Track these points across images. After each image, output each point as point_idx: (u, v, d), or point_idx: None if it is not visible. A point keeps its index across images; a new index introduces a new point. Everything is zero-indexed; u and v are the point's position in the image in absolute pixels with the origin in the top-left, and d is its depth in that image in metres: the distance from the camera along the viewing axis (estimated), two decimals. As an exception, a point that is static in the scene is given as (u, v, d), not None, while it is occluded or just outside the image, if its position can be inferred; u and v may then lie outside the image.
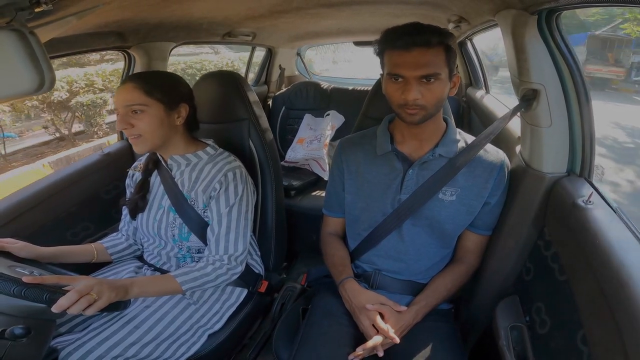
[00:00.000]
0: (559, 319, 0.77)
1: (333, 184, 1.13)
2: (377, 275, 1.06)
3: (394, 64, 0.87)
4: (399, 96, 0.88)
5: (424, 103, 0.86)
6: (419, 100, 0.86)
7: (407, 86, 0.86)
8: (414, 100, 0.85)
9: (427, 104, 0.87)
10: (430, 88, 0.86)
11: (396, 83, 0.88)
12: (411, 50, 0.84)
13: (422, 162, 0.98)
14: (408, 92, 0.85)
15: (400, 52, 0.85)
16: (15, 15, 0.57)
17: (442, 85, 0.87)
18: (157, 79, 1.03)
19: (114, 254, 1.20)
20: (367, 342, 0.88)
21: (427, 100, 0.86)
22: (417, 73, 0.84)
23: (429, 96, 0.86)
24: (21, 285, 0.70)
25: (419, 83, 0.85)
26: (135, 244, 1.25)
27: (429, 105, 0.87)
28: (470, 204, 0.98)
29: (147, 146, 1.03)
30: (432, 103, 0.87)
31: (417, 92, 0.85)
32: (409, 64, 0.84)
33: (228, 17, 1.49)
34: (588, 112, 0.87)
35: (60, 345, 0.90)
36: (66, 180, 1.35)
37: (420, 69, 0.84)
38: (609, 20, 7.85)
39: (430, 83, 0.85)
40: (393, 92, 0.89)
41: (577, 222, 0.75)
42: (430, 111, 0.89)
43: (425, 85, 0.85)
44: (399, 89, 0.87)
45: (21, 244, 0.97)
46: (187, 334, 1.04)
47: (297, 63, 3.34)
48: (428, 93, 0.86)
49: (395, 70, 0.87)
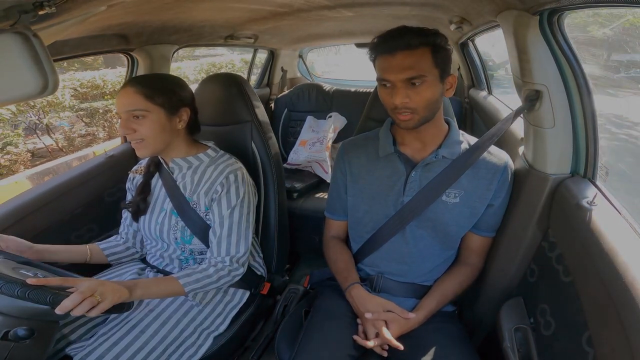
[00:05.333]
0: (564, 320, 0.76)
1: (335, 187, 1.12)
2: (380, 278, 1.06)
3: (380, 69, 0.88)
4: (390, 101, 0.88)
5: (414, 106, 0.86)
6: (407, 104, 0.86)
7: (394, 90, 0.86)
8: (401, 103, 0.86)
9: (417, 107, 0.87)
10: (418, 91, 0.86)
11: (386, 88, 0.89)
12: (394, 54, 0.84)
13: (426, 164, 0.97)
14: (395, 95, 0.86)
15: (386, 56, 0.86)
16: (19, 17, 0.58)
17: (431, 87, 0.86)
18: (157, 83, 1.02)
19: (110, 256, 1.20)
20: (366, 342, 0.89)
21: (416, 103, 0.86)
22: (401, 76, 0.84)
23: (417, 99, 0.86)
24: (25, 286, 0.71)
25: (405, 86, 0.85)
26: (133, 247, 1.25)
27: (419, 108, 0.87)
28: (474, 206, 0.97)
29: (149, 150, 1.03)
30: (421, 106, 0.87)
31: (404, 96, 0.85)
32: (393, 67, 0.85)
33: (230, 19, 1.50)
34: (591, 112, 0.86)
35: (73, 352, 0.91)
36: (70, 183, 1.35)
37: (404, 72, 0.84)
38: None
39: (417, 86, 0.85)
40: (384, 97, 0.90)
41: (582, 223, 0.75)
42: (423, 114, 0.89)
43: (412, 89, 0.86)
44: (389, 93, 0.88)
45: (12, 237, 0.97)
46: (192, 337, 1.04)
47: (299, 65, 3.35)
48: (415, 96, 0.86)
49: (382, 75, 0.88)
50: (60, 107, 4.94)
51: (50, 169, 4.38)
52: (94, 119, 5.63)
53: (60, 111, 5.11)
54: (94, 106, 5.52)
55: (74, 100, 5.09)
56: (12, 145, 4.47)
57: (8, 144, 4.44)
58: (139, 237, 1.24)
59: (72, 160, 4.64)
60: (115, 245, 1.22)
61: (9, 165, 4.40)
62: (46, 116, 4.99)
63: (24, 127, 5.02)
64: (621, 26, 1.53)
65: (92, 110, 5.51)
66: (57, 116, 5.19)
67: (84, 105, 5.43)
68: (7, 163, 4.39)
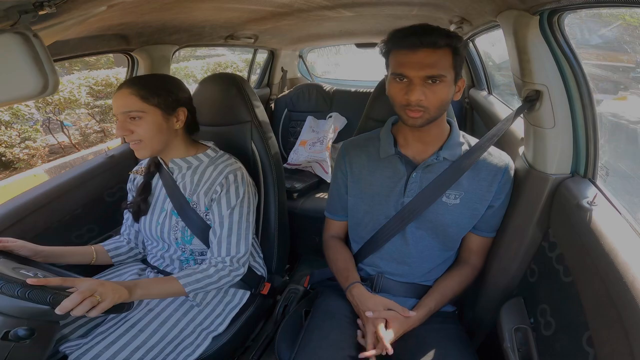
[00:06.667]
0: (564, 320, 0.76)
1: (336, 187, 1.12)
2: (380, 278, 1.06)
3: (399, 63, 0.86)
4: (402, 96, 0.87)
5: (427, 105, 0.86)
6: (422, 102, 0.85)
7: (411, 86, 0.85)
8: (416, 100, 0.85)
9: (430, 106, 0.86)
10: (434, 90, 0.85)
11: (400, 83, 0.87)
12: (417, 50, 0.83)
13: (426, 165, 0.97)
14: (412, 92, 0.84)
15: (406, 52, 0.85)
16: (19, 18, 0.57)
17: (447, 88, 0.86)
18: (153, 83, 1.02)
19: (114, 257, 1.20)
20: (365, 352, 0.86)
21: (430, 102, 0.86)
22: (422, 73, 0.83)
23: (433, 98, 0.85)
24: (25, 287, 0.71)
25: (423, 84, 0.84)
26: (136, 248, 1.25)
27: (431, 108, 0.86)
28: (475, 207, 0.97)
29: (147, 151, 1.03)
30: (435, 105, 0.86)
31: (420, 93, 0.84)
32: (414, 64, 0.84)
33: (230, 19, 1.50)
34: (591, 112, 0.86)
35: (68, 350, 0.91)
36: (71, 183, 1.35)
37: (425, 69, 0.83)
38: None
39: (435, 84, 0.85)
40: (396, 92, 0.88)
41: (582, 223, 0.75)
42: (433, 114, 0.88)
43: (429, 87, 0.85)
44: (403, 89, 0.87)
45: (20, 242, 0.97)
46: (191, 337, 1.04)
47: (299, 65, 3.35)
48: (432, 95, 0.85)
49: (399, 70, 0.86)
50: (76, 104, 5.04)
51: (67, 163, 4.62)
52: (107, 116, 5.71)
53: (76, 108, 5.23)
54: (108, 103, 5.60)
55: (88, 97, 5.19)
56: (31, 140, 4.65)
57: (27, 138, 4.62)
58: (141, 237, 1.24)
59: (88, 155, 4.93)
60: (120, 246, 1.22)
61: (27, 160, 4.58)
62: (62, 112, 5.11)
63: (40, 124, 5.14)
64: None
65: (106, 108, 5.60)
66: (74, 112, 5.35)
67: (98, 103, 5.52)
68: (26, 157, 4.57)
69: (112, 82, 5.46)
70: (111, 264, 1.21)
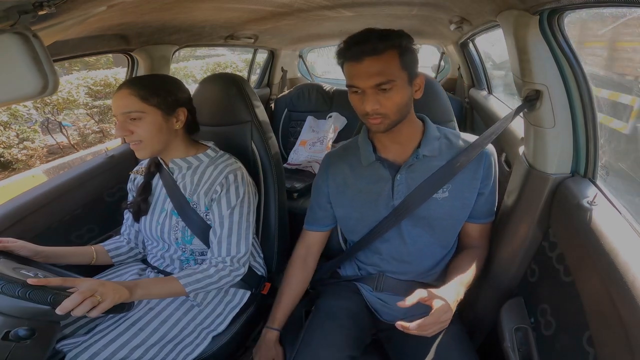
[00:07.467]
0: (564, 320, 0.76)
1: (317, 198, 1.12)
2: (381, 277, 1.06)
3: (349, 75, 0.87)
4: (360, 106, 0.88)
5: (384, 111, 0.86)
6: (378, 110, 0.85)
7: (364, 97, 0.85)
8: (372, 110, 0.85)
9: (388, 112, 0.86)
10: (388, 96, 0.85)
11: (356, 94, 0.88)
12: (362, 60, 0.83)
13: (409, 166, 0.98)
14: (366, 102, 0.85)
15: (353, 63, 0.84)
16: (18, 18, 0.57)
17: (401, 91, 0.86)
18: (153, 84, 1.02)
19: (115, 257, 1.20)
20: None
21: (387, 108, 0.86)
22: (371, 82, 0.83)
23: (388, 104, 0.85)
24: (26, 287, 0.71)
25: (375, 92, 0.84)
26: (136, 248, 1.25)
27: (389, 113, 0.87)
28: (464, 197, 0.98)
29: (147, 151, 1.03)
30: (392, 110, 0.86)
31: (374, 102, 0.84)
32: (361, 74, 0.84)
33: (230, 19, 1.50)
34: (592, 112, 0.86)
35: (66, 347, 0.91)
36: (70, 183, 1.35)
37: (373, 77, 0.83)
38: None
39: (387, 91, 0.84)
40: (355, 102, 0.89)
41: (582, 223, 0.75)
42: (394, 118, 0.88)
43: (382, 94, 0.85)
44: (360, 99, 0.87)
45: (21, 242, 0.97)
46: (191, 336, 1.04)
47: (299, 65, 3.35)
48: (386, 101, 0.85)
49: (351, 82, 0.86)
50: (75, 104, 5.04)
51: (66, 164, 4.57)
52: (106, 116, 5.71)
53: (75, 108, 5.23)
54: (107, 104, 5.60)
55: (87, 98, 5.20)
56: (29, 140, 4.65)
57: (25, 139, 4.63)
58: (141, 237, 1.24)
59: (87, 155, 4.87)
60: (120, 246, 1.22)
61: (26, 160, 4.58)
62: (61, 113, 5.10)
63: (38, 124, 5.15)
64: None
65: (105, 108, 5.59)
66: (72, 112, 5.33)
67: (97, 103, 5.52)
68: (24, 158, 4.57)
69: (111, 82, 5.47)
70: (111, 264, 1.21)
